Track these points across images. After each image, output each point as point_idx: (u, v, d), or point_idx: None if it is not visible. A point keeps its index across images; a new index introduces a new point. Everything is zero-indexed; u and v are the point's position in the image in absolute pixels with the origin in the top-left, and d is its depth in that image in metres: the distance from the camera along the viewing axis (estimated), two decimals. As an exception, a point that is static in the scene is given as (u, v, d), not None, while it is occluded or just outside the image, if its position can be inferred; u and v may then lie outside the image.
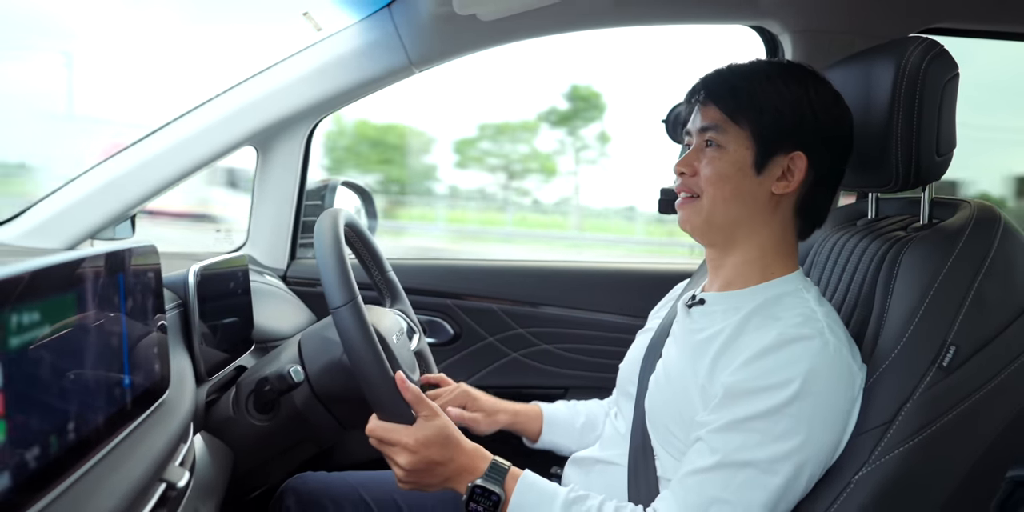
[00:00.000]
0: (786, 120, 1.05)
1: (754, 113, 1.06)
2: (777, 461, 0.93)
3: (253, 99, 1.69)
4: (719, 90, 1.09)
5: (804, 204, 1.09)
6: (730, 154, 1.07)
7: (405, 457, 1.04)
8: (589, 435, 1.36)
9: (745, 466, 0.94)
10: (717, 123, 1.07)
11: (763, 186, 1.07)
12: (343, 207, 1.89)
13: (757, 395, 0.95)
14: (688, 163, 1.10)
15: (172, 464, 0.90)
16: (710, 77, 1.12)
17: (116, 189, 1.64)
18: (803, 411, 0.93)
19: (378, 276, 1.47)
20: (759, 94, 1.06)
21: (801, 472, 0.94)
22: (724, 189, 1.06)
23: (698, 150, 1.10)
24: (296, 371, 1.16)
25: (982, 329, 0.98)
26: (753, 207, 1.07)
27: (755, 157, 1.06)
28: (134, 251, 0.87)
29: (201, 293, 1.18)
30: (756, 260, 1.10)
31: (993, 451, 0.99)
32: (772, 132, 1.05)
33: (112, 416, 0.78)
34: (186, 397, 1.02)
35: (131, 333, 0.84)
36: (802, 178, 1.06)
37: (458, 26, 1.67)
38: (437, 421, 1.06)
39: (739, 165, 1.06)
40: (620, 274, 1.97)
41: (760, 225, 1.09)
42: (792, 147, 1.06)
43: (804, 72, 1.09)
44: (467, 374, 1.89)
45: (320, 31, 1.68)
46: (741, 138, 1.06)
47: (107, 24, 14.19)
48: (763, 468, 0.93)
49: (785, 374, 0.94)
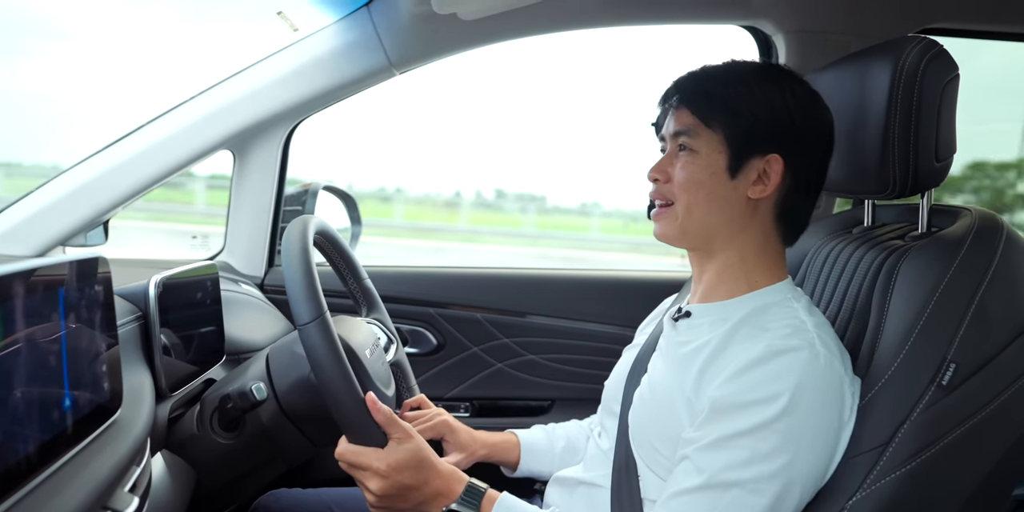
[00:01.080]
0: (760, 123, 1.02)
1: (727, 116, 1.02)
2: (763, 480, 0.89)
3: (229, 101, 1.64)
4: (691, 94, 1.06)
5: (784, 209, 1.05)
6: (703, 158, 1.03)
7: (376, 482, 1.00)
8: (570, 460, 1.32)
9: (731, 487, 0.90)
10: (690, 127, 1.04)
11: (738, 191, 1.03)
12: (316, 214, 1.86)
13: (744, 410, 0.90)
14: (661, 169, 1.07)
15: (120, 490, 0.84)
16: (683, 80, 1.09)
17: (87, 194, 1.59)
18: (791, 427, 0.89)
19: (353, 284, 1.41)
20: (733, 97, 1.03)
21: (789, 491, 0.90)
22: (697, 195, 1.03)
23: (671, 156, 1.07)
24: (259, 388, 1.10)
25: (984, 346, 0.93)
26: (729, 212, 1.04)
27: (728, 161, 1.02)
28: (80, 263, 0.82)
29: (164, 304, 1.13)
30: (737, 266, 1.06)
31: (996, 473, 0.94)
32: (745, 135, 1.02)
33: (49, 441, 0.72)
34: (142, 415, 0.96)
35: (74, 350, 0.78)
36: (779, 181, 1.02)
37: (438, 26, 1.62)
38: (410, 444, 1.01)
39: (712, 169, 1.03)
40: (609, 282, 1.92)
41: (738, 230, 1.05)
42: (767, 150, 1.02)
43: (780, 73, 1.06)
44: (450, 385, 1.84)
45: (297, 31, 1.63)
46: (714, 142, 1.03)
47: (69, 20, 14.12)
48: (750, 488, 0.89)
49: (773, 388, 0.90)
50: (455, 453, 1.30)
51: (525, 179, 14.90)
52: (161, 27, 15.21)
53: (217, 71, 1.65)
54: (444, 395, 1.83)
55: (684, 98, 1.06)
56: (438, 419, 1.31)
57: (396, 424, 1.02)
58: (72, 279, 0.79)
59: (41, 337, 0.72)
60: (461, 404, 1.84)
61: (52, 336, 0.74)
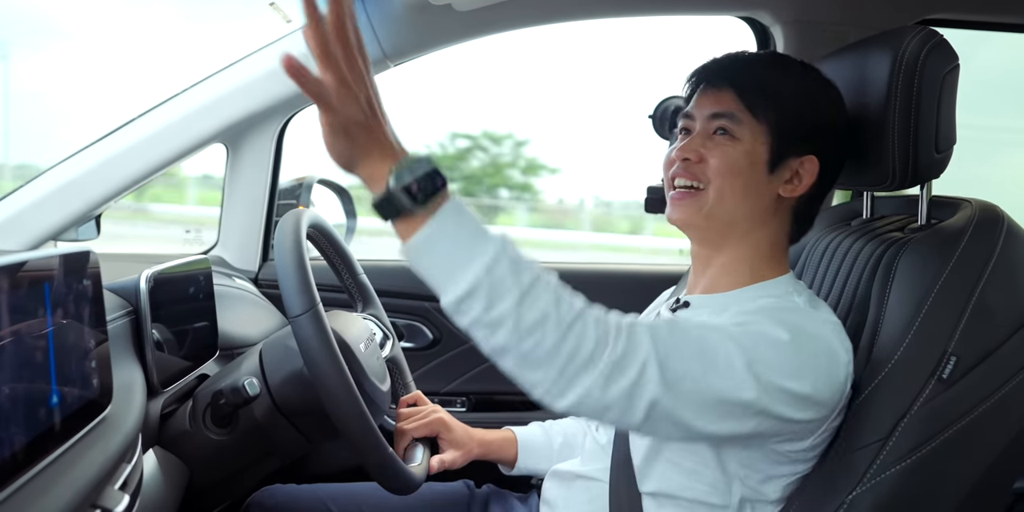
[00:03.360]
0: (806, 121, 1.00)
1: (776, 108, 0.99)
2: (755, 370, 0.82)
3: (221, 94, 1.61)
4: (741, 77, 1.01)
5: (804, 208, 1.04)
6: (746, 146, 0.99)
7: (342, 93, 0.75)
8: (567, 456, 1.30)
9: (727, 339, 0.84)
10: (733, 111, 0.99)
11: (771, 186, 1.00)
12: (312, 207, 1.84)
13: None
14: (694, 149, 1.00)
15: (110, 487, 0.83)
16: (726, 62, 1.04)
17: (79, 188, 1.57)
18: (793, 356, 0.86)
19: (348, 279, 1.40)
20: (783, 90, 1.00)
21: (781, 410, 0.84)
22: (735, 182, 0.99)
23: (704, 137, 1.01)
24: (251, 384, 1.09)
25: (984, 339, 0.92)
26: (757, 207, 1.01)
27: (771, 154, 0.99)
28: (67, 258, 0.80)
29: (157, 299, 1.11)
30: (746, 260, 1.03)
31: (997, 467, 0.93)
32: (790, 131, 0.99)
33: (35, 439, 0.71)
34: (132, 412, 0.95)
35: (61, 346, 0.77)
36: (811, 183, 1.01)
37: (433, 17, 1.60)
38: None
39: (753, 159, 0.99)
40: (607, 276, 1.91)
41: (759, 225, 1.02)
42: (805, 150, 1.00)
43: (821, 75, 1.05)
44: (447, 380, 1.82)
45: (290, 23, 1.61)
46: (758, 132, 0.99)
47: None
48: (739, 356, 0.83)
49: (772, 326, 0.87)
50: (451, 451, 1.28)
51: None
52: (157, 25, 15.16)
53: (212, 65, 1.63)
54: (441, 390, 1.81)
55: (731, 79, 1.01)
56: (434, 416, 1.30)
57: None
58: (60, 274, 0.78)
59: (27, 333, 0.71)
60: (458, 399, 1.83)
61: (38, 332, 0.73)
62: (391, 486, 1.06)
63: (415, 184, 0.74)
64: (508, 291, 0.74)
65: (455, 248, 0.75)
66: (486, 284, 0.74)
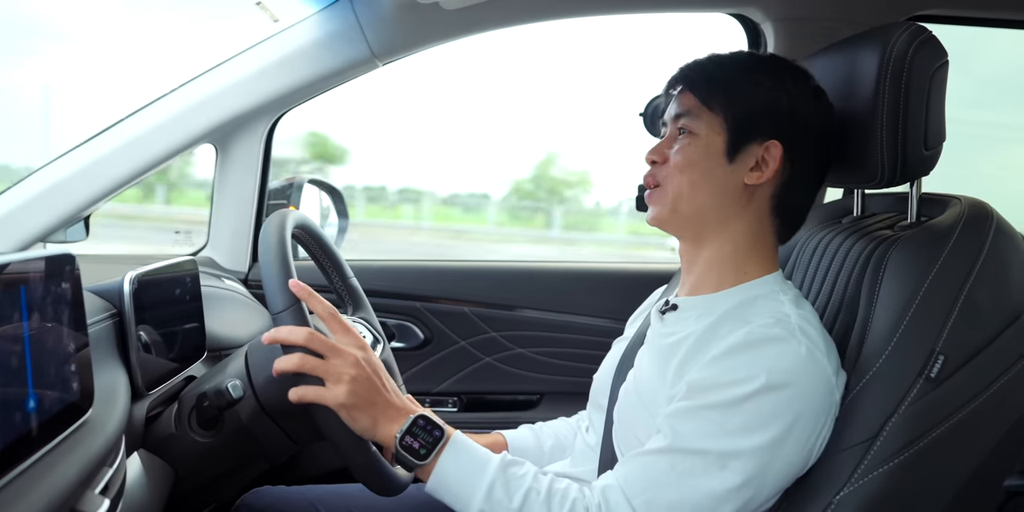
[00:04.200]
0: (759, 106, 1.02)
1: (726, 97, 1.03)
2: (730, 456, 0.89)
3: (209, 94, 1.61)
4: (696, 77, 1.07)
5: (781, 201, 1.04)
6: (701, 140, 1.03)
7: (352, 370, 0.96)
8: (558, 459, 1.30)
9: (694, 455, 0.90)
10: (690, 109, 1.05)
11: (735, 175, 1.02)
12: (302, 208, 1.84)
13: (718, 388, 0.91)
14: (659, 151, 1.07)
15: (89, 492, 0.82)
16: (688, 66, 1.09)
17: (66, 189, 1.57)
18: (763, 408, 0.89)
19: (338, 282, 1.39)
20: (735, 81, 1.03)
21: (757, 477, 0.89)
22: (691, 175, 1.03)
23: (671, 138, 1.08)
24: (235, 386, 1.08)
25: (972, 337, 0.92)
26: (724, 197, 1.03)
27: (727, 144, 1.02)
28: (43, 261, 0.79)
29: (142, 301, 1.10)
30: (729, 258, 1.04)
31: (986, 466, 0.93)
32: (745, 117, 1.02)
33: (11, 444, 0.70)
34: (115, 415, 0.94)
35: (38, 350, 0.76)
36: (777, 168, 1.02)
37: (421, 16, 1.60)
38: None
39: (709, 150, 1.03)
40: (598, 275, 1.90)
41: (731, 217, 1.04)
42: (767, 135, 1.01)
43: (784, 64, 1.07)
44: (438, 380, 1.82)
45: (277, 22, 1.60)
46: (714, 124, 1.03)
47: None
48: (713, 460, 0.89)
49: (749, 371, 0.90)
50: None
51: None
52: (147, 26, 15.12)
53: (196, 64, 1.62)
54: (432, 390, 1.81)
55: (688, 82, 1.07)
56: None
57: (350, 333, 1.01)
58: (37, 277, 0.77)
59: (1, 337, 0.70)
60: (449, 399, 1.83)
61: (12, 336, 0.72)
62: (376, 488, 1.05)
63: (417, 442, 0.96)
64: (505, 509, 0.93)
65: (459, 484, 0.95)
66: (487, 509, 0.93)
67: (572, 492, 0.94)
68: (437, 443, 0.96)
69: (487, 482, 0.94)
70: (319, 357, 0.95)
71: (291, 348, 0.96)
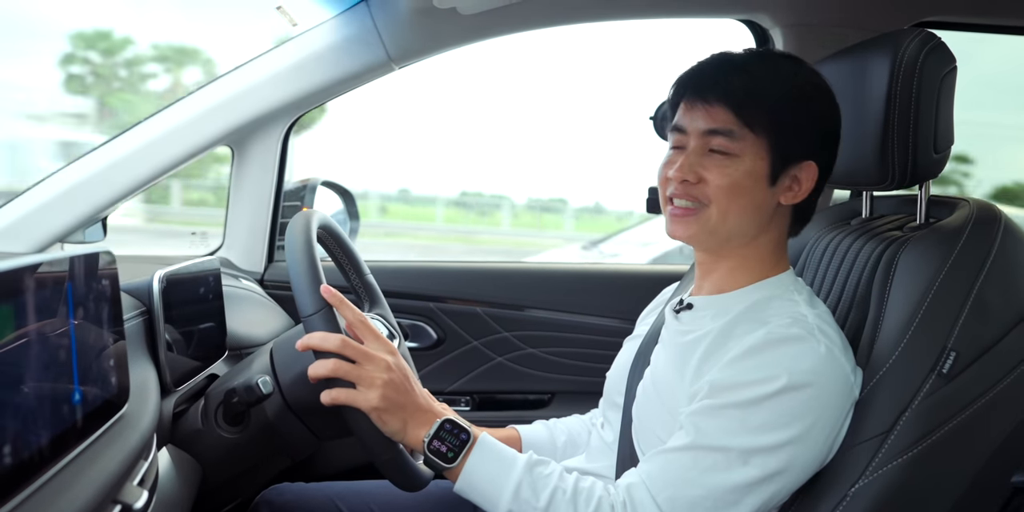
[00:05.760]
0: (804, 130, 1.00)
1: (773, 123, 0.98)
2: (752, 453, 0.91)
3: (227, 97, 1.63)
4: (733, 89, 0.98)
5: (802, 208, 1.07)
6: (745, 164, 0.99)
7: (383, 374, 0.97)
8: (571, 454, 1.31)
9: (716, 451, 0.92)
10: (731, 128, 0.98)
11: (774, 197, 1.02)
12: (319, 208, 1.86)
13: (740, 387, 0.93)
14: (692, 171, 1.00)
15: (129, 484, 0.85)
16: (712, 71, 1.02)
17: (86, 190, 1.59)
18: (785, 407, 0.91)
19: (356, 279, 1.41)
20: (778, 100, 0.99)
21: (779, 472, 0.91)
22: (739, 201, 1.00)
23: (700, 154, 1.01)
24: (265, 382, 1.10)
25: (983, 335, 0.95)
26: (760, 217, 1.03)
27: (770, 168, 1.00)
28: (86, 258, 0.82)
29: (168, 299, 1.13)
30: (749, 263, 1.06)
31: (996, 460, 0.95)
32: (789, 143, 1.00)
33: (59, 435, 0.72)
34: (148, 410, 0.96)
35: (82, 345, 0.78)
36: (811, 188, 1.03)
37: (438, 20, 1.62)
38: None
39: (755, 177, 0.99)
40: (608, 276, 1.92)
41: (760, 232, 1.05)
42: (803, 156, 1.01)
43: (813, 74, 1.04)
44: (451, 379, 1.84)
45: (296, 26, 1.63)
46: (758, 147, 0.99)
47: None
48: (735, 457, 0.91)
49: (771, 371, 0.92)
50: None
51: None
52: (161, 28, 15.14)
53: (219, 68, 1.65)
54: (444, 389, 1.83)
55: (723, 93, 0.98)
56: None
57: (380, 340, 1.01)
58: (80, 273, 0.80)
59: (50, 332, 0.72)
60: (462, 398, 1.85)
61: (61, 330, 0.74)
62: (401, 483, 1.07)
63: (444, 446, 0.97)
64: (533, 508, 0.94)
65: (487, 485, 0.97)
66: (515, 508, 0.95)
67: (597, 490, 0.96)
68: (464, 445, 0.97)
69: (514, 482, 0.95)
70: (350, 362, 0.97)
71: (324, 352, 0.98)
